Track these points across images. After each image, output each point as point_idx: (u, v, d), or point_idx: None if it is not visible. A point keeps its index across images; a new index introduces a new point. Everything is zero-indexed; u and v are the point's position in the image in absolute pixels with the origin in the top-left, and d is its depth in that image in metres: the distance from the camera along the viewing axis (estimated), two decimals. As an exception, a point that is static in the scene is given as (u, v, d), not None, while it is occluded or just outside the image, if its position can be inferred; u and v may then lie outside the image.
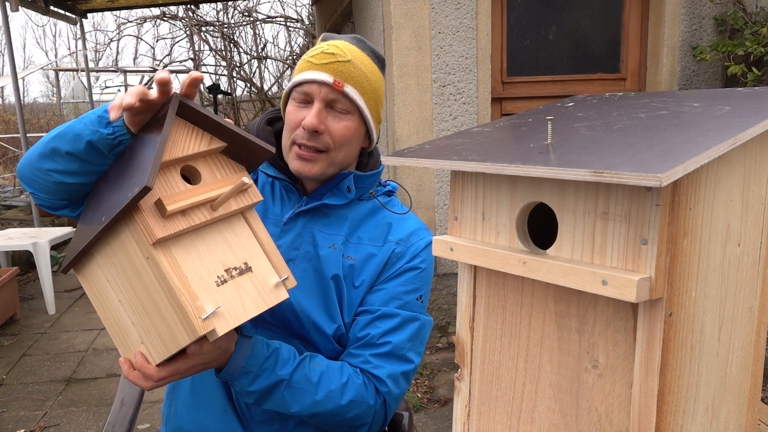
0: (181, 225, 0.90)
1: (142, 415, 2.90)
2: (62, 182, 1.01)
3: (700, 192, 0.60)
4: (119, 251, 0.90)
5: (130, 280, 0.91)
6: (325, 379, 1.10)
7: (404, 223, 1.24)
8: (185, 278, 0.88)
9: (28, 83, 28.61)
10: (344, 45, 1.16)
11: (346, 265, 1.18)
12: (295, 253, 1.17)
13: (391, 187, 1.31)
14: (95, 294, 0.97)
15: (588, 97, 0.93)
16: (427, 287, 1.23)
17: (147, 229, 0.86)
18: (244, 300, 0.94)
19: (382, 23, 3.64)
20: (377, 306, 1.17)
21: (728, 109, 0.69)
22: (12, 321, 4.27)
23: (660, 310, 0.58)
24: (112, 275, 0.93)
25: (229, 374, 1.04)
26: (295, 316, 1.15)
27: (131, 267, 0.90)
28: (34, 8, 5.77)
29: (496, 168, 0.62)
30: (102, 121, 0.96)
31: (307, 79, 1.13)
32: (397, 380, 1.16)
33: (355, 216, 1.22)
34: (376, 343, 1.15)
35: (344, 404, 1.11)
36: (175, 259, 0.89)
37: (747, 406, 0.77)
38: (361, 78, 1.14)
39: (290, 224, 1.19)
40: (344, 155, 1.17)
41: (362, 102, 1.15)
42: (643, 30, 3.64)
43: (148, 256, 0.87)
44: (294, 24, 11.30)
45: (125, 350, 0.98)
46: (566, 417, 0.67)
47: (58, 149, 0.99)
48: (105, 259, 0.93)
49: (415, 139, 3.47)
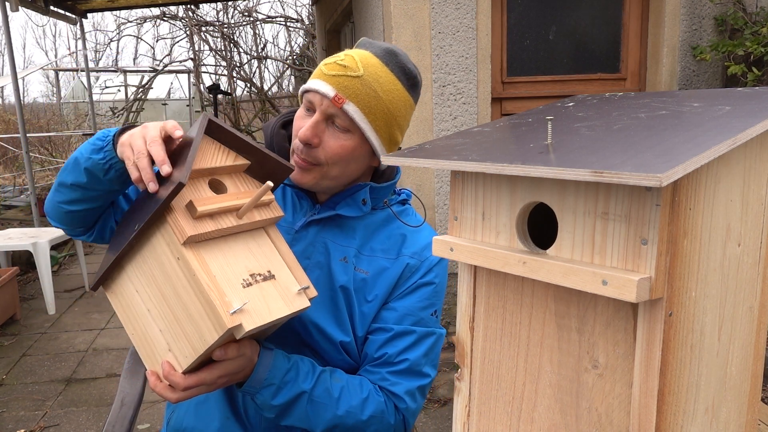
0: (210, 227, 0.94)
1: (142, 415, 2.90)
2: (70, 211, 1.12)
3: (700, 192, 0.60)
4: (150, 257, 0.96)
5: (160, 286, 0.95)
6: (345, 393, 1.10)
7: (418, 235, 1.22)
8: (213, 277, 0.92)
9: (28, 83, 28.60)
10: (365, 58, 1.10)
11: (358, 279, 1.16)
12: (306, 262, 1.16)
13: (405, 195, 1.29)
14: (124, 308, 1.01)
15: (588, 97, 0.93)
16: (441, 301, 1.22)
17: (178, 228, 0.91)
18: (269, 302, 0.97)
19: (382, 23, 3.64)
20: (392, 324, 1.16)
21: (728, 109, 0.69)
22: (12, 321, 4.27)
23: (660, 310, 0.58)
24: (142, 284, 0.98)
25: (251, 387, 1.03)
26: (304, 326, 1.14)
27: (161, 272, 0.95)
28: (34, 8, 5.77)
29: (496, 168, 0.62)
30: (95, 148, 1.04)
31: (312, 88, 1.10)
32: (414, 395, 1.16)
33: (368, 225, 1.20)
34: (394, 361, 1.14)
35: (365, 420, 1.10)
36: (204, 259, 0.93)
37: (747, 406, 0.77)
38: (369, 97, 1.08)
39: (302, 232, 1.18)
40: (340, 171, 1.13)
41: (364, 122, 1.09)
42: (643, 30, 3.64)
43: (178, 257, 0.92)
44: (294, 24, 11.31)
45: (152, 362, 1.00)
46: (566, 417, 0.67)
47: (63, 182, 1.09)
48: (135, 269, 0.98)
49: (415, 139, 3.47)
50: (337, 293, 1.15)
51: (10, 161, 11.09)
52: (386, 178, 1.23)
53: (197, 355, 0.93)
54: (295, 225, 1.18)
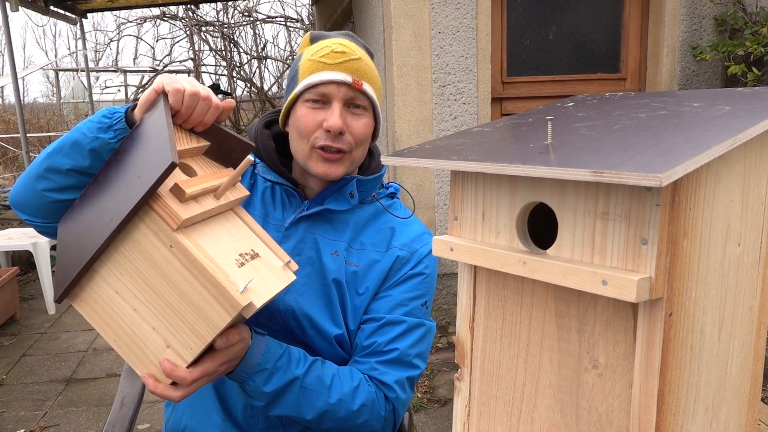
0: (197, 210, 0.90)
1: (142, 415, 2.90)
2: (57, 200, 1.02)
3: (700, 192, 0.60)
4: (132, 251, 0.89)
5: (149, 281, 0.89)
6: (337, 382, 1.10)
7: (408, 227, 1.23)
8: (212, 259, 0.88)
9: (28, 83, 28.59)
10: (346, 42, 1.16)
11: (349, 272, 1.17)
12: (297, 258, 1.16)
13: (393, 189, 1.31)
14: (101, 314, 0.93)
15: (588, 97, 0.93)
16: (431, 293, 1.23)
17: (170, 213, 0.85)
18: (264, 279, 0.94)
19: (382, 23, 3.64)
20: (382, 313, 1.16)
21: (728, 109, 0.69)
22: (12, 321, 4.27)
23: (660, 310, 0.58)
24: (124, 283, 0.90)
25: (243, 372, 1.00)
26: (298, 322, 1.14)
27: (150, 265, 0.88)
28: (34, 8, 5.77)
29: (496, 168, 0.62)
30: (101, 127, 0.97)
31: (324, 80, 1.11)
32: (404, 386, 1.15)
33: (358, 220, 1.21)
34: (383, 350, 1.14)
35: (356, 409, 1.10)
36: (198, 242, 0.89)
37: (747, 406, 0.77)
38: (373, 74, 1.16)
39: (292, 229, 1.18)
40: (361, 153, 1.18)
41: (375, 97, 1.16)
42: (643, 30, 3.64)
43: (171, 245, 0.86)
44: (294, 24, 11.30)
45: (144, 365, 0.93)
46: (566, 417, 0.67)
47: (56, 167, 1.00)
48: (113, 269, 0.90)
49: (415, 139, 3.47)
50: (330, 287, 1.16)
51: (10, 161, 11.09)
52: (372, 171, 1.25)
53: (204, 345, 0.89)
54: (285, 222, 1.19)
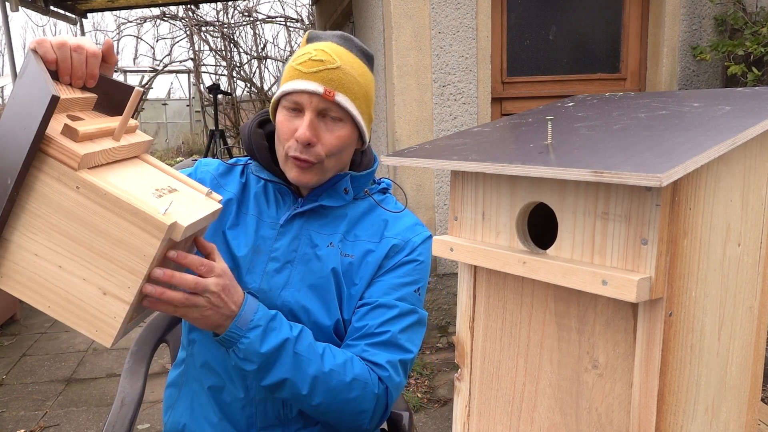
0: (96, 148, 0.86)
1: (142, 415, 2.90)
2: None
3: (700, 192, 0.60)
4: (41, 207, 0.84)
5: (66, 231, 0.85)
6: (329, 353, 1.09)
7: (400, 220, 1.24)
8: (125, 190, 0.85)
9: (28, 83, 28.49)
10: (332, 48, 1.13)
11: (345, 263, 1.18)
12: (293, 255, 1.17)
13: (385, 184, 1.31)
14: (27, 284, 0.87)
15: (588, 97, 0.93)
16: (424, 281, 1.23)
17: (67, 153, 0.82)
18: (187, 206, 0.92)
19: (382, 23, 3.64)
20: (375, 297, 1.16)
21: (728, 109, 0.69)
22: (12, 321, 4.27)
23: (660, 310, 0.58)
24: (41, 243, 0.86)
25: (237, 328, 1.00)
26: (295, 318, 1.15)
27: (62, 214, 0.84)
28: (34, 8, 5.77)
29: (496, 168, 0.62)
30: None
31: (296, 89, 1.10)
32: (396, 367, 1.15)
33: (352, 215, 1.22)
34: (374, 332, 1.14)
35: (348, 381, 1.08)
36: (106, 178, 0.85)
37: (747, 406, 0.77)
38: (352, 83, 1.12)
39: (287, 226, 1.19)
40: (336, 161, 1.16)
41: (354, 108, 1.12)
42: (643, 30, 3.64)
43: (78, 185, 0.83)
44: (294, 24, 11.30)
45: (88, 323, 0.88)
46: (566, 417, 0.67)
47: None
48: (26, 232, 0.86)
49: (415, 139, 3.47)
50: (329, 278, 1.16)
51: (10, 161, 11.06)
52: (365, 167, 1.25)
53: (141, 279, 0.85)
54: (280, 219, 1.20)
